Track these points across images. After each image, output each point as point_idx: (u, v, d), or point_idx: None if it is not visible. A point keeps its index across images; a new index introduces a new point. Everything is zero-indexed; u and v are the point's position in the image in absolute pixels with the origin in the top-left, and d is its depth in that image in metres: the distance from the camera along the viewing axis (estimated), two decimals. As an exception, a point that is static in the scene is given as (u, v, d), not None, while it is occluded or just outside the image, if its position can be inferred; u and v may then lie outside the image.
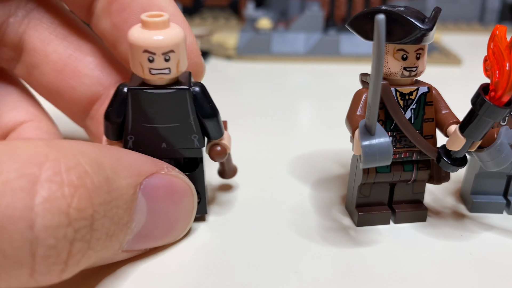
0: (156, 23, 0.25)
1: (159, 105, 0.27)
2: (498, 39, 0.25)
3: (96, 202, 0.21)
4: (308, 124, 0.51)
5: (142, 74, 0.26)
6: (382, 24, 0.21)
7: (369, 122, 0.25)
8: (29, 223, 0.19)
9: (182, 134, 0.28)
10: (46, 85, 0.33)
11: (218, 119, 0.28)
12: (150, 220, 0.26)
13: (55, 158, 0.21)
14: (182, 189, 0.27)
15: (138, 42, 0.25)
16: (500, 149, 0.27)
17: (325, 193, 0.35)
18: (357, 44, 0.72)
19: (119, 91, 0.27)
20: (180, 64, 0.26)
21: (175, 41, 0.26)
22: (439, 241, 0.29)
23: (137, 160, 0.26)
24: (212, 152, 0.29)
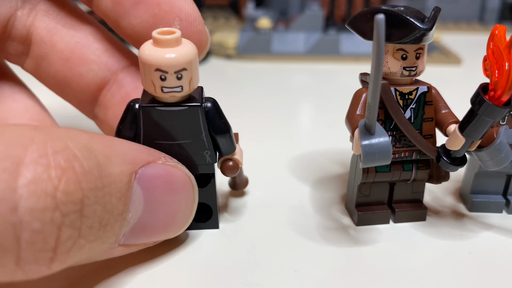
0: (167, 41, 0.25)
1: (171, 122, 0.27)
2: (498, 38, 0.25)
3: (86, 187, 0.21)
4: (308, 123, 0.51)
5: (154, 92, 0.26)
6: (382, 24, 0.22)
7: (368, 121, 0.25)
8: (12, 205, 0.18)
9: (194, 150, 0.28)
10: (54, 75, 0.33)
11: (230, 135, 0.28)
12: (148, 212, 0.25)
13: (41, 141, 0.20)
14: (181, 180, 0.26)
15: (150, 61, 0.25)
16: (499, 148, 0.27)
17: (325, 192, 0.35)
18: (357, 44, 0.72)
19: (131, 108, 0.27)
20: (192, 81, 0.26)
21: (187, 59, 0.25)
22: (439, 241, 0.29)
23: (131, 148, 0.25)
24: (224, 167, 0.29)
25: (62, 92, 0.34)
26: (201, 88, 0.28)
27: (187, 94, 0.27)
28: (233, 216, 0.32)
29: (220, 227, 0.31)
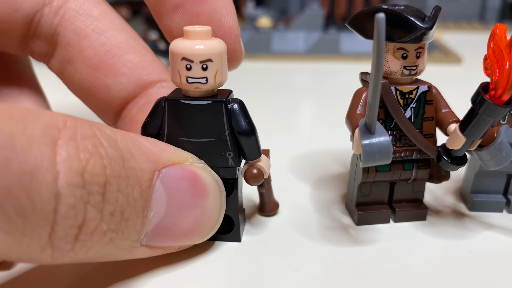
0: (196, 32, 0.25)
1: (194, 117, 0.26)
2: (498, 38, 0.25)
3: (110, 173, 0.21)
4: (308, 122, 0.51)
5: (179, 83, 0.26)
6: (382, 23, 0.21)
7: (369, 121, 0.25)
8: (54, 177, 0.19)
9: (217, 150, 0.27)
10: (79, 82, 0.31)
11: (255, 137, 0.27)
12: (171, 213, 0.24)
13: (72, 126, 0.21)
14: (208, 183, 0.25)
15: (177, 50, 0.25)
16: (500, 147, 0.27)
17: (325, 192, 0.35)
18: (357, 43, 0.72)
19: (158, 102, 0.27)
20: (218, 75, 0.26)
21: (213, 51, 0.25)
22: (439, 240, 0.29)
23: (156, 147, 0.25)
24: (248, 174, 0.28)
25: (86, 100, 0.33)
26: (231, 91, 0.28)
27: (212, 89, 0.26)
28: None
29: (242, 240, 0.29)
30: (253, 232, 0.30)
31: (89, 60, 0.31)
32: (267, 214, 0.32)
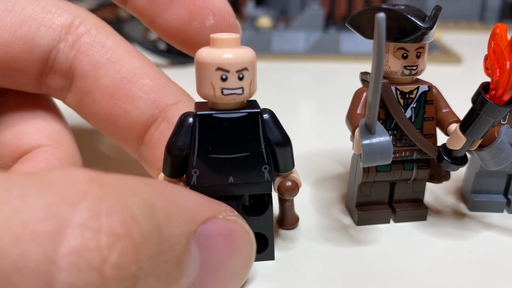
0: (227, 41, 0.24)
1: (228, 131, 0.25)
2: (499, 37, 0.25)
3: (143, 258, 0.17)
4: (308, 122, 0.51)
5: (213, 96, 0.24)
6: (383, 23, 0.21)
7: (369, 121, 0.25)
8: (47, 279, 0.15)
9: (252, 165, 0.25)
10: (98, 112, 0.31)
11: (290, 148, 0.26)
12: (203, 274, 0.22)
13: (95, 196, 0.17)
14: (241, 237, 0.23)
15: (210, 60, 0.24)
16: (500, 147, 0.27)
17: (325, 192, 0.35)
18: (357, 43, 0.72)
19: (185, 120, 0.25)
20: (253, 84, 0.25)
21: (249, 59, 0.24)
22: (440, 240, 0.29)
23: (192, 201, 0.22)
24: (282, 188, 0.27)
25: (107, 129, 0.32)
26: (256, 101, 0.27)
27: (246, 99, 0.25)
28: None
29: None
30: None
31: (106, 88, 0.31)
32: (288, 228, 0.30)
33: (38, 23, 0.29)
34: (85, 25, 0.31)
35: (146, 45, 0.70)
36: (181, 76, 0.34)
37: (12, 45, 0.29)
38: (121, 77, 0.30)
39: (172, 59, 0.71)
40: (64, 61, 0.30)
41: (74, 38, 0.30)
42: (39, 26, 0.29)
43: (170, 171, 0.26)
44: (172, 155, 0.25)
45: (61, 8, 0.30)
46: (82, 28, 0.31)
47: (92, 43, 0.31)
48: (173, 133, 0.25)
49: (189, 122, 0.25)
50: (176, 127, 0.25)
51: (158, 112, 0.31)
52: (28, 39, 0.29)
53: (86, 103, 0.31)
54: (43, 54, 0.30)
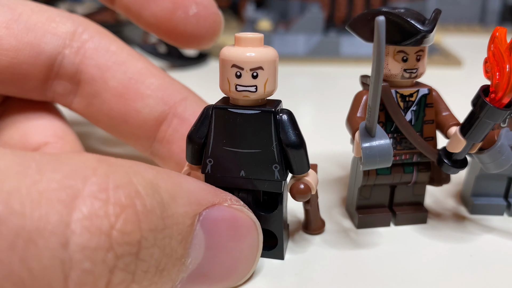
0: (248, 39, 0.25)
1: (242, 126, 0.26)
2: (498, 41, 0.25)
3: (146, 228, 0.19)
4: (308, 125, 0.51)
5: (228, 91, 0.25)
6: (382, 26, 0.21)
7: (369, 124, 0.25)
8: (63, 240, 0.17)
9: (263, 162, 0.26)
10: (109, 113, 0.32)
11: (304, 150, 0.26)
12: (208, 258, 0.23)
13: (103, 173, 0.19)
14: (246, 225, 0.24)
15: (227, 56, 0.25)
16: (500, 150, 0.27)
17: (326, 195, 0.35)
18: (357, 46, 0.72)
19: (206, 111, 0.26)
20: (268, 83, 0.25)
21: (264, 58, 0.25)
22: (440, 243, 0.29)
23: (198, 188, 0.23)
24: (294, 190, 0.27)
25: (117, 130, 0.33)
26: (280, 101, 0.27)
27: (262, 99, 0.26)
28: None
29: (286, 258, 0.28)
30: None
31: (115, 89, 0.32)
32: (312, 233, 0.30)
33: (44, 31, 0.31)
34: (88, 32, 0.32)
35: (146, 48, 0.70)
36: (180, 79, 0.34)
37: (19, 51, 0.30)
38: (128, 78, 0.32)
39: (172, 62, 0.71)
40: (70, 66, 0.31)
41: (78, 44, 0.31)
42: (45, 33, 0.31)
43: (191, 157, 0.27)
44: (191, 143, 0.27)
45: (64, 17, 0.32)
46: (85, 35, 0.32)
47: (97, 48, 0.32)
48: (195, 123, 0.27)
49: (209, 114, 0.26)
50: (198, 117, 0.27)
51: (168, 108, 0.32)
52: (34, 45, 0.30)
53: (96, 106, 0.32)
54: (49, 59, 0.31)
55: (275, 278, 0.26)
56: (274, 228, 0.27)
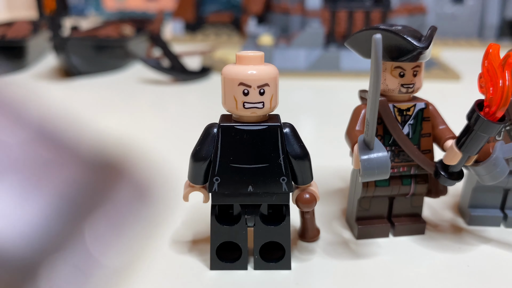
0: (251, 58, 0.26)
1: (249, 142, 0.26)
2: (492, 57, 0.26)
3: None
4: (309, 138, 0.52)
5: (235, 109, 0.26)
6: (379, 43, 0.22)
7: (367, 137, 0.26)
8: None
9: (271, 176, 0.27)
10: None
11: (308, 161, 0.27)
12: None
13: None
14: None
15: (234, 75, 0.25)
16: (495, 163, 0.28)
17: (326, 206, 0.36)
18: (357, 60, 0.74)
19: (209, 130, 0.27)
20: (273, 99, 0.26)
21: (270, 75, 0.26)
22: (438, 254, 0.30)
23: None
24: (300, 200, 0.27)
25: None
26: (278, 115, 0.28)
27: (267, 113, 0.27)
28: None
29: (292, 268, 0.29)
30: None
31: None
32: (309, 240, 0.31)
33: None
34: None
35: (150, 62, 0.72)
36: (184, 92, 0.35)
37: None
38: None
39: (175, 76, 0.72)
40: None
41: None
42: None
43: (196, 177, 0.27)
44: (196, 162, 0.27)
45: None
46: None
47: None
48: (198, 142, 0.27)
49: (213, 133, 0.27)
50: (201, 136, 0.27)
51: None
52: None
53: None
54: None
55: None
56: (281, 240, 0.28)
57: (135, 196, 0.20)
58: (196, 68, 0.76)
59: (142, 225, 0.19)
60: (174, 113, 0.59)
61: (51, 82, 0.74)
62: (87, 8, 1.51)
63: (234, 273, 0.28)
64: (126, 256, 0.16)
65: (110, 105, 0.63)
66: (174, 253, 0.30)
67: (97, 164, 0.17)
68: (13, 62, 0.80)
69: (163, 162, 0.45)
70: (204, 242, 0.31)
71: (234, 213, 0.29)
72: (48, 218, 0.14)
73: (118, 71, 0.81)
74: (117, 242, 0.16)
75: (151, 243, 0.31)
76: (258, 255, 0.28)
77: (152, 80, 0.74)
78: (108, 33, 0.88)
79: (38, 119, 0.19)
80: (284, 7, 0.87)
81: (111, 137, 0.32)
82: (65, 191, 0.13)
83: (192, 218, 0.34)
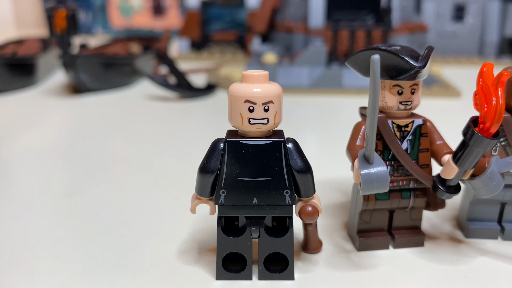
0: (256, 77, 0.27)
1: (254, 156, 0.27)
2: (486, 76, 0.27)
3: None
4: (312, 153, 0.53)
5: (241, 125, 0.27)
6: (377, 64, 0.24)
7: (367, 152, 0.27)
8: None
9: (275, 189, 0.28)
10: None
11: (311, 175, 0.28)
12: None
13: None
14: None
15: (240, 93, 0.27)
16: (491, 177, 0.29)
17: (328, 219, 0.37)
18: (358, 78, 0.75)
19: (216, 144, 0.28)
20: (277, 115, 0.27)
21: (274, 93, 0.27)
22: (436, 265, 0.31)
23: None
24: (303, 212, 0.28)
25: None
26: (282, 131, 0.29)
27: (271, 129, 0.28)
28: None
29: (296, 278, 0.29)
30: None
31: None
32: (312, 252, 0.32)
33: None
34: None
35: (157, 79, 0.73)
36: (190, 109, 0.36)
37: None
38: None
39: (182, 93, 0.73)
40: None
41: None
42: None
43: (203, 190, 0.28)
44: (203, 175, 0.28)
45: None
46: None
47: None
48: (205, 156, 0.28)
49: (220, 147, 0.28)
50: (209, 150, 0.28)
51: None
52: None
53: None
54: None
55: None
56: (285, 251, 0.29)
57: None
58: (201, 85, 0.78)
59: None
60: (180, 129, 0.60)
61: (60, 98, 0.75)
62: (94, 26, 1.54)
63: (239, 283, 0.29)
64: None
65: (117, 121, 0.65)
66: (181, 264, 0.31)
67: None
68: (24, 78, 0.82)
69: (170, 177, 0.46)
70: (210, 253, 0.32)
71: (239, 225, 0.30)
72: None
73: (126, 88, 0.83)
74: None
75: (158, 255, 0.32)
76: (262, 266, 0.29)
77: (159, 96, 0.75)
78: (115, 51, 0.90)
79: None
80: (288, 26, 0.89)
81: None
82: None
83: (199, 229, 0.35)
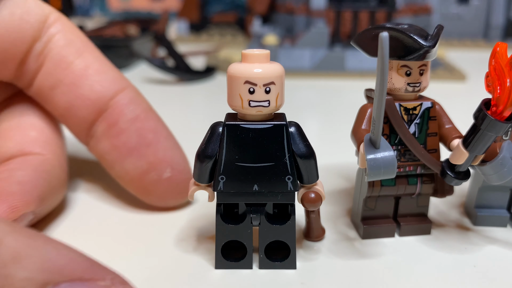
0: (256, 56, 0.25)
1: (254, 141, 0.26)
2: (499, 55, 0.26)
3: None
4: (314, 138, 0.51)
5: (240, 107, 0.26)
6: (386, 41, 0.22)
7: (373, 136, 0.26)
8: None
9: (276, 175, 0.26)
10: (57, 103, 0.34)
11: (314, 160, 0.27)
12: None
13: None
14: None
15: (240, 73, 0.25)
16: (502, 163, 0.27)
17: (331, 206, 0.36)
18: (362, 60, 0.74)
19: (214, 128, 0.27)
20: (279, 97, 0.26)
21: (276, 73, 0.26)
22: (444, 254, 0.30)
23: (62, 256, 0.19)
24: (306, 199, 0.27)
25: (64, 118, 0.34)
26: (284, 114, 0.28)
27: (273, 112, 0.27)
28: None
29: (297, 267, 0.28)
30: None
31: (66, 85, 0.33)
32: (314, 240, 0.31)
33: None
34: (56, 25, 0.33)
35: (155, 62, 0.72)
36: (188, 92, 0.35)
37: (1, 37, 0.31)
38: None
39: (180, 75, 0.72)
40: (35, 60, 0.33)
41: (46, 38, 0.33)
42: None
43: (201, 176, 0.27)
44: (201, 161, 0.27)
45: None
46: (53, 29, 0.33)
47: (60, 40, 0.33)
48: (204, 140, 0.27)
49: (219, 131, 0.27)
50: (207, 135, 0.27)
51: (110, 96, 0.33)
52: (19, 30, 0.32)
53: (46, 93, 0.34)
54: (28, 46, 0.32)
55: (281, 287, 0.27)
56: (287, 239, 0.28)
57: None
58: (200, 67, 0.77)
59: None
60: (178, 112, 0.59)
61: (56, 81, 0.74)
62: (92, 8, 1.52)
63: (239, 272, 0.28)
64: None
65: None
66: (179, 252, 0.30)
67: None
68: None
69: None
70: (209, 241, 0.31)
71: (239, 212, 0.29)
72: None
73: (123, 70, 0.81)
74: None
75: (156, 242, 0.31)
76: (263, 254, 0.28)
77: (157, 79, 0.74)
78: (113, 33, 0.88)
79: None
80: (289, 7, 0.87)
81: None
82: None
83: (197, 216, 0.34)
